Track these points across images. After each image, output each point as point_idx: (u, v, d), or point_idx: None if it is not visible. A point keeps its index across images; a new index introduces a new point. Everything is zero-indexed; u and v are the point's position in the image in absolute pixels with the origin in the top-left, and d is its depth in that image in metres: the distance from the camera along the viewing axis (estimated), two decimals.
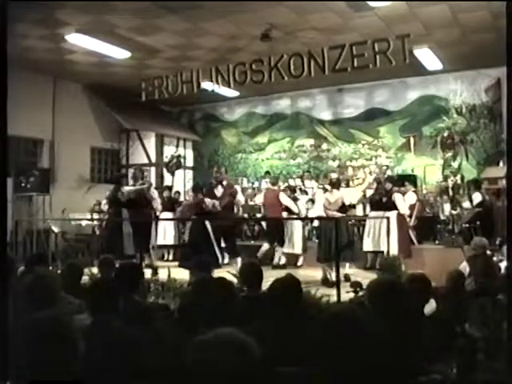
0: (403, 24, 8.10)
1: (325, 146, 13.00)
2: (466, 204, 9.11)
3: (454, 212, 9.08)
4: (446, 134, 10.76)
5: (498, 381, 2.30)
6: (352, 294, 4.98)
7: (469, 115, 11.19)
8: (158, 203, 8.90)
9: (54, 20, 8.04)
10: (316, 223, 9.08)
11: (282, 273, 3.63)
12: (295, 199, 9.07)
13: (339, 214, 7.10)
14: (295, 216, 8.91)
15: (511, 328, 2.40)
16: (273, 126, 13.73)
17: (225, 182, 8.86)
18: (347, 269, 7.17)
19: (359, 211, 9.57)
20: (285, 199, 8.73)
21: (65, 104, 11.45)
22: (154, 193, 8.99)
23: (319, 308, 4.65)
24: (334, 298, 5.15)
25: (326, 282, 6.68)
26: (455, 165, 10.27)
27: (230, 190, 8.74)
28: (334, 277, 6.44)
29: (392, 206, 8.03)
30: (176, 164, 12.56)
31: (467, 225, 8.59)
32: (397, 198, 8.10)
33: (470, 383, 2.33)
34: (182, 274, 7.17)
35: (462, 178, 9.98)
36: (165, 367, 2.25)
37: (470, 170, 10.90)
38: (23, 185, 10.04)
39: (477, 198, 9.00)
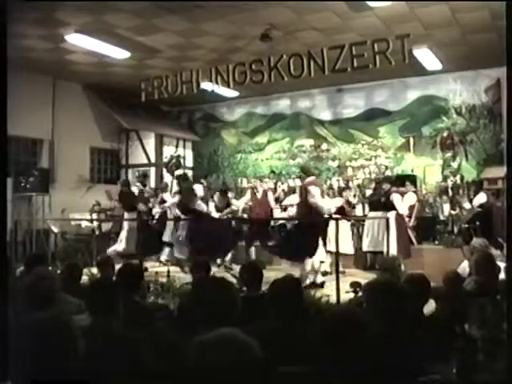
0: (403, 24, 8.11)
1: (324, 146, 13.00)
2: (467, 204, 9.12)
3: (453, 212, 9.08)
4: (445, 135, 10.76)
5: (498, 381, 2.31)
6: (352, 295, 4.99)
7: (468, 115, 11.18)
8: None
9: (54, 20, 8.04)
10: None
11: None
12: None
13: None
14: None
15: (511, 328, 2.40)
16: (272, 126, 13.73)
17: None
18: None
19: (359, 211, 9.59)
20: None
21: (64, 104, 11.44)
22: None
23: (319, 308, 4.66)
24: (333, 299, 5.16)
25: None
26: (455, 165, 10.27)
27: None
28: None
29: (390, 207, 8.04)
30: (175, 164, 12.55)
31: (467, 225, 8.60)
32: (395, 198, 8.10)
33: (469, 383, 2.33)
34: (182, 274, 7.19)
35: (462, 178, 9.99)
36: (165, 367, 2.26)
37: (470, 171, 10.90)
38: (23, 185, 10.03)
39: (482, 198, 9.01)
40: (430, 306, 3.46)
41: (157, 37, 8.94)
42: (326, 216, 7.06)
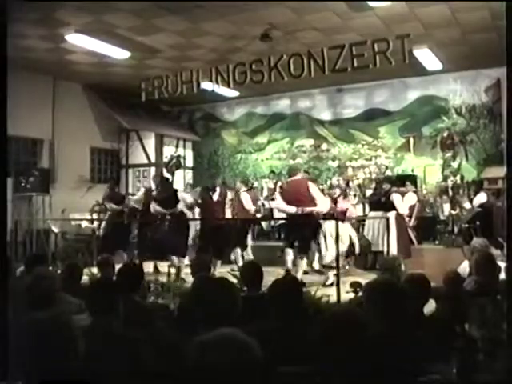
0: (403, 24, 8.11)
1: (324, 146, 13.00)
2: (467, 204, 9.11)
3: (453, 212, 9.08)
4: (445, 135, 10.74)
5: (498, 381, 2.31)
6: (352, 295, 4.99)
7: (468, 115, 11.18)
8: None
9: (54, 20, 8.04)
10: None
11: None
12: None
13: None
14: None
15: (511, 328, 2.40)
16: (272, 126, 13.73)
17: None
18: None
19: (359, 211, 9.59)
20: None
21: (65, 104, 11.44)
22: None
23: (319, 308, 4.66)
24: (333, 299, 5.15)
25: None
26: (455, 165, 10.26)
27: None
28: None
29: (391, 207, 8.04)
30: (176, 164, 12.55)
31: (467, 225, 8.60)
32: (395, 198, 8.09)
33: (469, 383, 2.33)
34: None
35: (462, 178, 9.99)
36: (165, 367, 2.26)
37: (470, 171, 10.90)
38: (23, 185, 10.04)
39: (482, 197, 9.01)
40: (430, 306, 3.46)
41: (157, 37, 8.94)
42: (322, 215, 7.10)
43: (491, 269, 4.18)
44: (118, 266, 4.60)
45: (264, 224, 10.94)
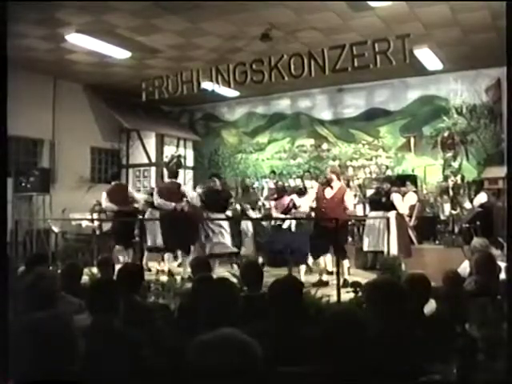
0: (403, 24, 8.11)
1: (325, 146, 13.00)
2: (467, 204, 9.12)
3: (454, 212, 9.08)
4: (446, 134, 10.75)
5: (498, 381, 2.31)
6: (352, 295, 4.99)
7: (469, 115, 11.18)
8: None
9: (54, 20, 8.04)
10: None
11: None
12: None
13: None
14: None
15: (511, 328, 2.40)
16: (273, 126, 13.73)
17: None
18: None
19: (359, 211, 9.59)
20: None
21: (65, 104, 11.45)
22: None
23: (319, 308, 4.66)
24: (333, 298, 5.15)
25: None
26: (455, 165, 10.26)
27: None
28: None
29: (391, 206, 8.03)
30: (176, 164, 12.54)
31: (467, 225, 8.60)
32: (395, 198, 8.09)
33: (469, 383, 2.33)
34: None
35: (463, 178, 9.99)
36: (165, 367, 2.26)
37: (471, 170, 10.90)
38: (23, 185, 10.04)
39: (482, 197, 9.01)
40: (430, 306, 3.46)
41: (157, 37, 8.94)
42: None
43: (491, 269, 4.18)
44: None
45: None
